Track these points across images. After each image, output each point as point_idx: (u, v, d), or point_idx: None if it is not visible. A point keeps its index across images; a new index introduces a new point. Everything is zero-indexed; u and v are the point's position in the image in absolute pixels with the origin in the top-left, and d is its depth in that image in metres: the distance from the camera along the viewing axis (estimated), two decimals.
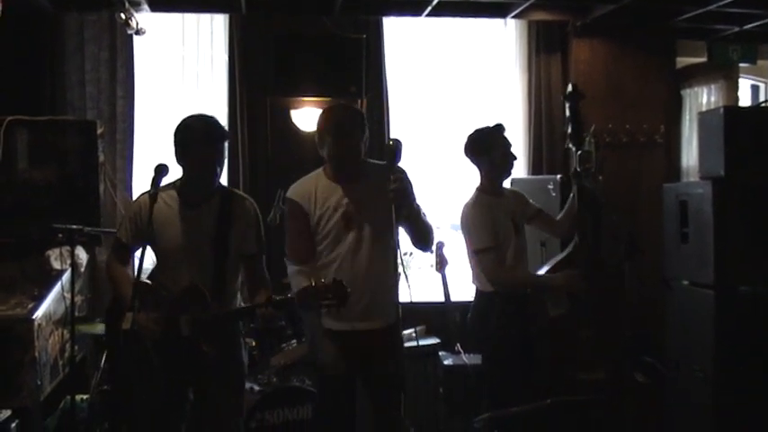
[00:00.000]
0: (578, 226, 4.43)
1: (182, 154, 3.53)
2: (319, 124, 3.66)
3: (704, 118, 5.03)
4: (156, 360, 3.38)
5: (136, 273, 3.43)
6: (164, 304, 3.44)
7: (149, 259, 3.53)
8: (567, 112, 4.56)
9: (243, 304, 3.71)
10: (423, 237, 3.66)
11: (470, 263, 4.44)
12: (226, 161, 3.62)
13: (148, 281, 3.58)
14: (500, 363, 4.29)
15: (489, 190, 4.43)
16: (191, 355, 3.41)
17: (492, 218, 4.29)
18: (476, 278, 4.42)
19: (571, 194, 4.56)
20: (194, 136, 3.48)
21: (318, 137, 3.64)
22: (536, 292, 4.35)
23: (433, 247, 4.60)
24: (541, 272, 4.51)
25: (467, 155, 4.48)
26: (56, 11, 6.02)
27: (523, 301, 4.30)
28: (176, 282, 3.49)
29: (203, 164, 3.49)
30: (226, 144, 3.57)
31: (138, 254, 3.32)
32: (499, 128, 4.48)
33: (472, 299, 4.51)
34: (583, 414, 3.99)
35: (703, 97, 7.06)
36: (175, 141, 3.54)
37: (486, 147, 4.41)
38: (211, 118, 3.59)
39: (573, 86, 4.51)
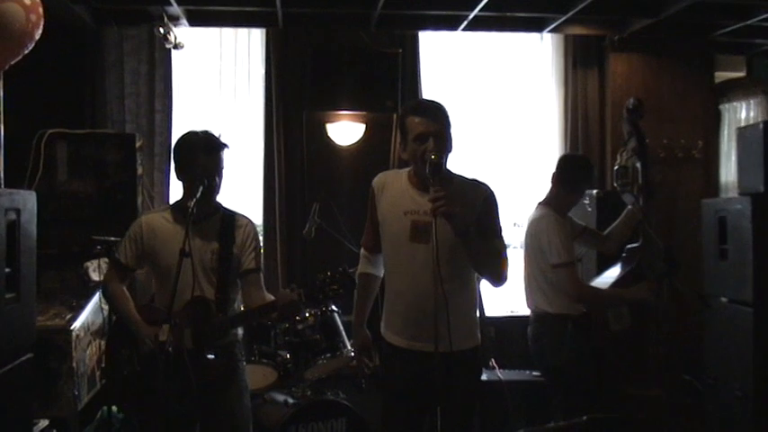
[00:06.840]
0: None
1: (183, 166, 3.54)
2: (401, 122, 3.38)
3: (743, 133, 4.95)
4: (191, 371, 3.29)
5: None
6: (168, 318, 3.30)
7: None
8: (629, 127, 4.56)
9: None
10: (481, 264, 3.28)
11: (536, 282, 4.42)
12: (224, 174, 3.57)
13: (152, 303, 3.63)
14: (576, 381, 4.27)
15: (560, 211, 4.45)
16: (195, 367, 3.32)
17: (568, 234, 4.34)
18: (543, 299, 4.39)
19: (624, 212, 4.68)
20: (196, 146, 3.49)
21: (401, 137, 3.38)
22: (598, 308, 4.37)
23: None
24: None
25: (566, 171, 4.49)
26: (96, 25, 6.12)
27: (587, 317, 4.31)
28: (179, 297, 3.31)
29: (204, 174, 3.45)
30: (225, 155, 3.55)
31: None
32: None
33: (531, 319, 4.53)
34: (620, 431, 3.94)
35: (742, 112, 6.99)
36: (176, 155, 3.58)
37: (589, 178, 4.57)
38: (210, 131, 3.57)
39: (637, 101, 4.50)
